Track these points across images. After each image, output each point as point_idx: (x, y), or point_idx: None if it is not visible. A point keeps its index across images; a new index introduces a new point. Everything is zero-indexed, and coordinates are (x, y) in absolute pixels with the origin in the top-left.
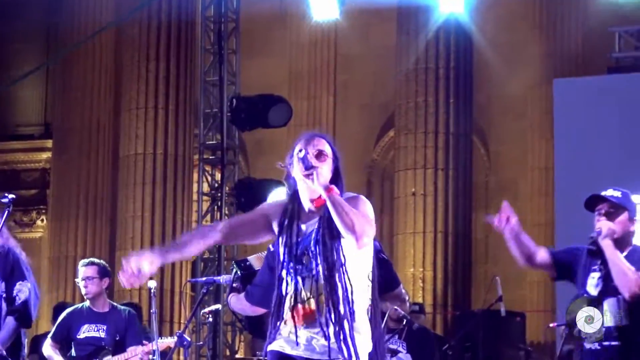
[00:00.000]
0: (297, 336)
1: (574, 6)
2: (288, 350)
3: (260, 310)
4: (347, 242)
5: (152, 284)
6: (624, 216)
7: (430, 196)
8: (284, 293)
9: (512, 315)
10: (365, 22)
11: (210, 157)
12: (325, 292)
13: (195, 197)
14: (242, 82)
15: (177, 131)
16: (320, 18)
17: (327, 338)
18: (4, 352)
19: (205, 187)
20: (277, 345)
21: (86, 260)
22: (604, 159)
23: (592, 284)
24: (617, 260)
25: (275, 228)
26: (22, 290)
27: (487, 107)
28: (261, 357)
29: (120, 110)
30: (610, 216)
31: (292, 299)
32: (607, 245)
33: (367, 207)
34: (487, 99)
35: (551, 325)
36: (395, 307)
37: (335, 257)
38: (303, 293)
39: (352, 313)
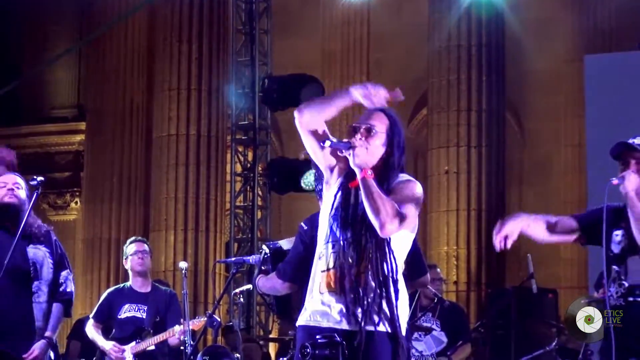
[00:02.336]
0: (330, 307)
1: None
2: (321, 322)
3: (291, 288)
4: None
5: (184, 264)
6: None
7: (463, 174)
8: (326, 254)
9: (544, 292)
10: (397, 0)
11: (243, 138)
12: (370, 261)
13: (228, 177)
14: (275, 63)
15: (210, 112)
16: None
17: (363, 307)
18: (55, 339)
19: (238, 168)
20: (307, 316)
21: (137, 237)
22: (636, 134)
23: (616, 241)
24: (638, 213)
25: (335, 174)
26: (70, 280)
27: (520, 84)
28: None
29: (153, 91)
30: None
31: (333, 262)
32: (630, 197)
33: (412, 193)
34: (520, 75)
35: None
36: (429, 286)
37: (376, 233)
38: (349, 261)
39: (395, 283)
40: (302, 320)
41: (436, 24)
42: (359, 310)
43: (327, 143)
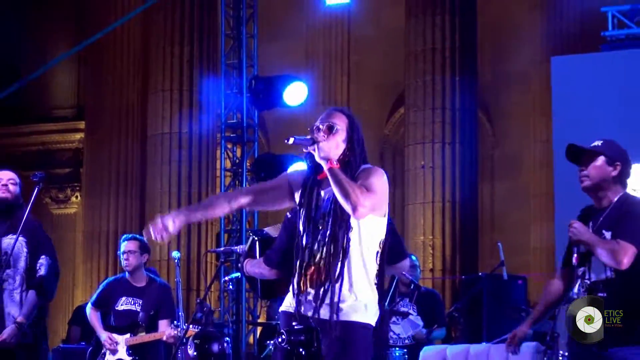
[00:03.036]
0: (306, 296)
1: None
2: (299, 309)
3: (277, 274)
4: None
5: (177, 254)
6: (599, 161)
7: (438, 169)
8: (300, 255)
9: (514, 279)
10: (376, 6)
11: (232, 135)
12: (329, 256)
13: (218, 172)
14: (261, 65)
15: (201, 111)
16: (333, 2)
17: (329, 299)
18: (26, 325)
19: (228, 164)
20: (287, 304)
21: (129, 235)
22: (600, 131)
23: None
24: (596, 247)
25: (297, 195)
26: (44, 265)
27: (491, 84)
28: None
29: (147, 92)
30: (586, 164)
31: (306, 261)
32: (585, 240)
33: (376, 177)
34: (491, 76)
35: None
36: (404, 272)
37: (347, 223)
38: (318, 256)
39: (349, 277)
40: (284, 306)
41: (412, 28)
42: (331, 299)
43: (291, 140)
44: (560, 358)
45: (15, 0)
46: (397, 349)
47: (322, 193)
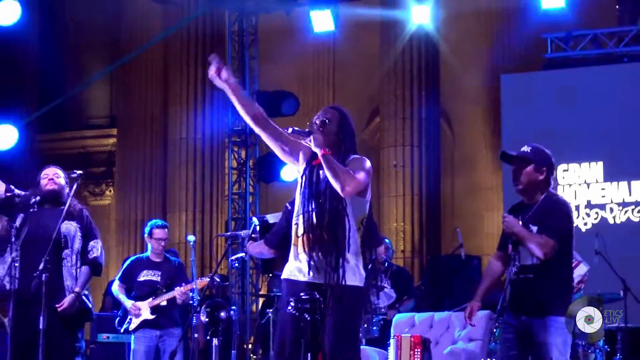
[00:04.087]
0: (304, 262)
1: (515, 17)
2: (298, 277)
3: (275, 253)
4: (357, 194)
5: (192, 238)
6: (529, 168)
7: (407, 167)
8: (297, 224)
9: (471, 259)
10: (355, 33)
11: (237, 140)
12: (327, 227)
13: (226, 171)
14: (261, 82)
15: (212, 120)
16: (320, 30)
17: (321, 264)
18: (82, 294)
19: (234, 163)
20: (288, 272)
21: (161, 222)
22: (541, 136)
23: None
24: (526, 240)
25: (301, 160)
26: (96, 248)
27: (451, 98)
28: (278, 293)
29: (168, 104)
30: (517, 170)
31: (304, 228)
32: (516, 232)
33: (362, 165)
34: (451, 91)
35: None
36: (381, 254)
37: (341, 202)
38: (314, 225)
39: (348, 246)
40: (285, 274)
41: (386, 52)
42: (336, 264)
43: (290, 130)
44: None
45: (60, 29)
46: (374, 316)
47: (321, 173)
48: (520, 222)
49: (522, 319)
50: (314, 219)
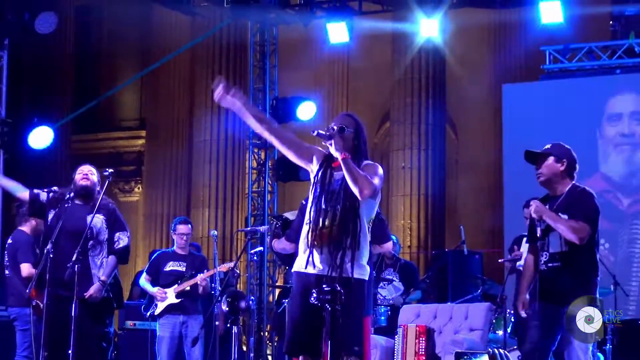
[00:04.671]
0: (313, 255)
1: (516, 31)
2: (308, 269)
3: (295, 247)
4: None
5: (214, 233)
6: (550, 160)
7: (415, 169)
8: (310, 220)
9: (472, 254)
10: (368, 44)
11: (257, 142)
12: (340, 225)
13: (246, 170)
14: (280, 89)
15: (234, 124)
16: (336, 41)
17: (334, 258)
18: (108, 282)
19: (254, 163)
20: (299, 265)
21: (183, 218)
22: (540, 141)
23: (539, 230)
24: (559, 223)
25: (315, 164)
26: (122, 239)
27: (456, 105)
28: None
29: (193, 108)
30: (540, 163)
31: (316, 226)
32: (545, 217)
33: (377, 171)
34: (456, 99)
35: (500, 260)
36: (389, 250)
37: (354, 203)
38: (327, 222)
39: (358, 243)
40: (296, 267)
41: (396, 62)
42: (335, 260)
43: (315, 132)
44: (508, 315)
45: (94, 37)
46: (383, 307)
47: (335, 174)
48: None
49: (549, 307)
50: (327, 217)
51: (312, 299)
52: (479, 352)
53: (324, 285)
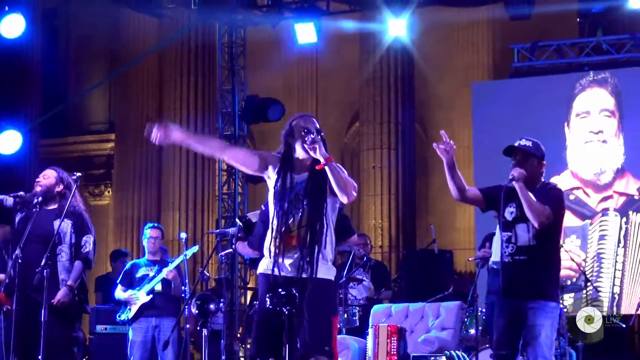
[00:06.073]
0: (282, 259)
1: (485, 29)
2: (275, 272)
3: (258, 254)
4: (330, 194)
5: (184, 235)
6: (533, 161)
7: (385, 168)
8: (274, 226)
9: (443, 253)
10: (337, 44)
11: (226, 143)
12: (306, 227)
13: (216, 172)
14: (249, 90)
15: (204, 125)
16: (304, 41)
17: (302, 260)
18: (75, 286)
19: (224, 165)
20: (264, 267)
21: (153, 224)
22: (510, 139)
23: (509, 212)
24: (527, 197)
25: (271, 172)
26: (88, 243)
27: (425, 103)
28: None
29: (163, 110)
30: (521, 163)
31: (281, 231)
32: (519, 187)
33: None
34: (425, 97)
35: (470, 259)
36: (359, 249)
37: (319, 204)
38: (293, 226)
39: (324, 244)
40: (262, 269)
41: (365, 61)
42: (316, 260)
43: (309, 138)
44: (480, 313)
45: (62, 41)
46: (354, 307)
47: (295, 177)
48: (516, 205)
49: (515, 303)
50: (294, 221)
51: (268, 303)
52: (437, 355)
53: (279, 290)
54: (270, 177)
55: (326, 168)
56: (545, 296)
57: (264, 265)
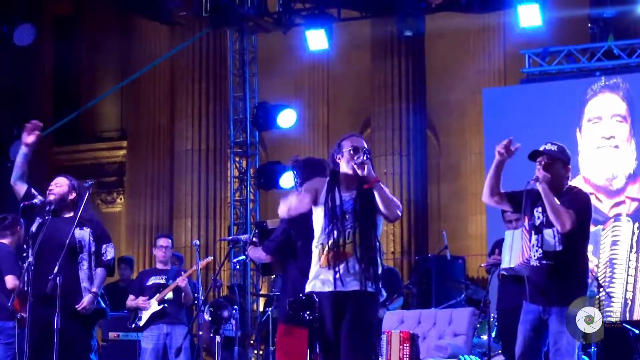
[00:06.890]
0: (334, 274)
1: (496, 35)
2: (325, 288)
3: (270, 259)
4: (378, 213)
5: (197, 242)
6: (557, 165)
7: (397, 175)
8: (325, 242)
9: (455, 259)
10: (348, 50)
11: (238, 150)
12: (359, 242)
13: (228, 179)
14: (261, 96)
15: (215, 132)
16: (315, 48)
17: (356, 275)
18: (98, 294)
19: (236, 172)
20: (311, 285)
21: (163, 233)
22: (522, 144)
23: (536, 216)
24: (551, 200)
25: (322, 192)
26: (109, 250)
27: (437, 110)
28: (277, 293)
29: (175, 118)
30: (547, 167)
31: (332, 246)
32: (542, 189)
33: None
34: (437, 104)
35: (482, 265)
36: None
37: (369, 220)
38: (341, 241)
39: (376, 258)
40: (309, 288)
41: (376, 68)
42: (351, 277)
43: (364, 157)
44: (492, 319)
45: (74, 48)
46: None
47: (343, 195)
48: (542, 209)
49: (540, 308)
50: (347, 236)
51: (292, 311)
52: None
53: (300, 294)
54: (320, 200)
55: (374, 188)
56: (569, 301)
57: (311, 284)
